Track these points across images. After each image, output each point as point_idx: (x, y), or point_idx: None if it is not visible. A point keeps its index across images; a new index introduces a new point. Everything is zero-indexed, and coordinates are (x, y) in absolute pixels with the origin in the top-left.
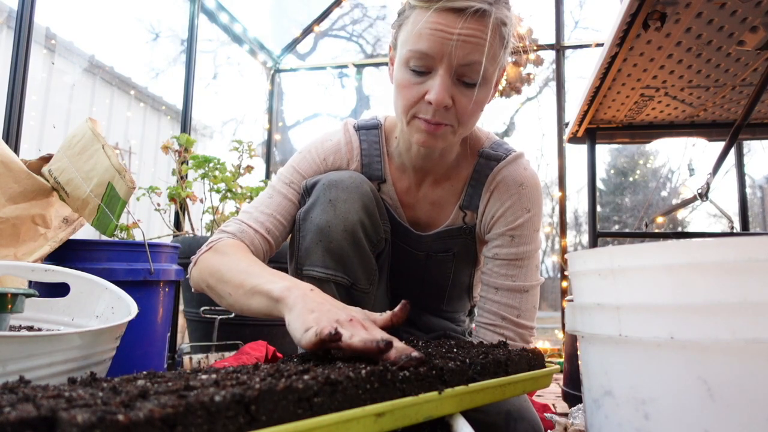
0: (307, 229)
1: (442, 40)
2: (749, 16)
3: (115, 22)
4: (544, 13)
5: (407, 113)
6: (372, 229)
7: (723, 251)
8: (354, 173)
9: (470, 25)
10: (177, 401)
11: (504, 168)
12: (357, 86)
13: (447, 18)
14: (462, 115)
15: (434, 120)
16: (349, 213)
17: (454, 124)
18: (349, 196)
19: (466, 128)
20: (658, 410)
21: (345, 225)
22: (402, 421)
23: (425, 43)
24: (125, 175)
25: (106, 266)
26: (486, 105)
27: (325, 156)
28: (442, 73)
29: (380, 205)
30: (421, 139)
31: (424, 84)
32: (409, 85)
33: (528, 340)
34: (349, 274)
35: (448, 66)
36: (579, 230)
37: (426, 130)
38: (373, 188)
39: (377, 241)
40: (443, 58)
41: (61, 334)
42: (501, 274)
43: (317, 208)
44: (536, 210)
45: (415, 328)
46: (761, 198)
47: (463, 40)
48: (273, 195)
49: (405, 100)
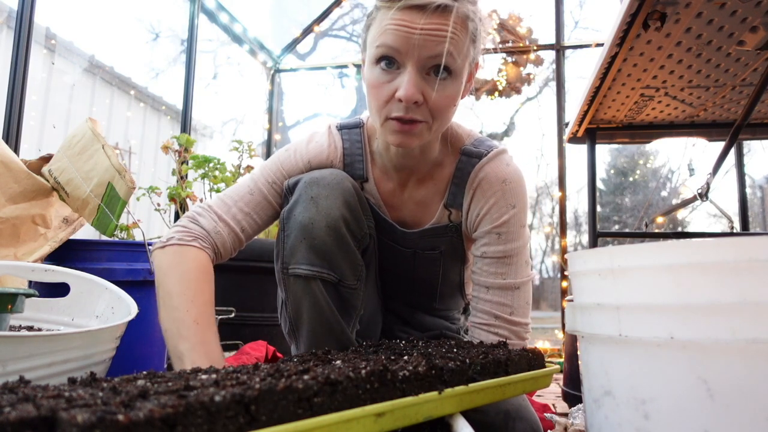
0: (291, 228)
1: (406, 35)
2: (749, 16)
3: (115, 22)
4: (544, 13)
5: (380, 113)
6: (355, 224)
7: (723, 251)
8: (335, 170)
9: (433, 20)
10: (177, 401)
11: (486, 165)
12: (357, 86)
13: (410, 15)
14: (435, 110)
15: (407, 117)
16: (331, 209)
17: (428, 120)
18: (330, 192)
19: (441, 123)
20: (658, 410)
21: (328, 221)
22: (402, 421)
23: (390, 39)
24: (125, 175)
25: (106, 266)
26: (459, 99)
27: (309, 159)
28: (410, 69)
29: (362, 201)
30: (396, 140)
31: (394, 81)
32: (379, 84)
33: (523, 337)
34: (335, 270)
35: (415, 61)
36: (579, 230)
37: (400, 131)
38: (354, 184)
39: (361, 237)
40: (408, 53)
41: (61, 334)
42: (490, 272)
43: (299, 206)
44: (521, 205)
45: (409, 327)
46: (761, 198)
47: (427, 34)
48: (254, 192)
49: (377, 100)
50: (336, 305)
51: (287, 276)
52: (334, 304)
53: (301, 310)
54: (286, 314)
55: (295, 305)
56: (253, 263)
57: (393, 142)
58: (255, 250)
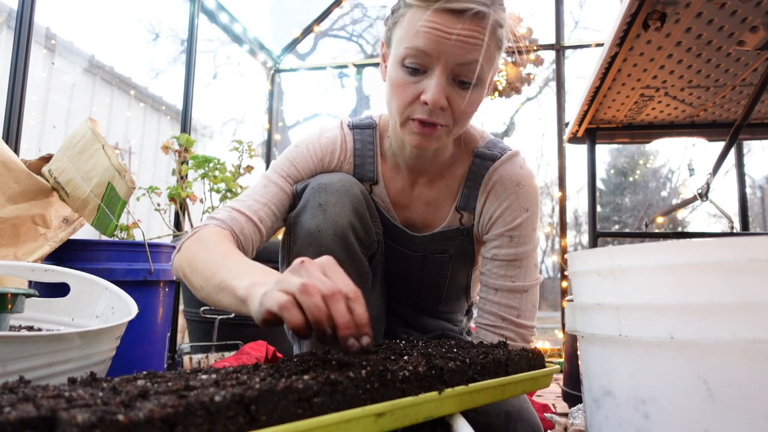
0: (298, 234)
1: (440, 39)
2: (749, 16)
3: (115, 22)
4: (544, 13)
5: (402, 114)
6: (363, 231)
7: (723, 251)
8: (344, 175)
9: (469, 27)
10: (177, 401)
11: (500, 167)
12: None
13: (445, 18)
14: (457, 116)
15: (430, 120)
16: (339, 217)
17: (449, 124)
18: (338, 199)
19: (460, 128)
20: (658, 410)
21: (335, 229)
22: (402, 421)
23: (423, 42)
24: (125, 175)
25: (106, 266)
26: (480, 105)
27: (322, 155)
28: (438, 73)
29: (371, 207)
30: (415, 141)
31: (420, 84)
32: (404, 84)
33: (529, 340)
34: None
35: (445, 66)
36: (579, 230)
37: (421, 132)
38: (363, 190)
39: (369, 244)
40: (440, 57)
41: (61, 334)
42: (500, 274)
43: (307, 213)
44: (534, 209)
45: (411, 328)
46: (761, 198)
47: (461, 40)
48: (268, 185)
49: (400, 100)
50: None
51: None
52: None
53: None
54: None
55: None
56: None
57: (412, 142)
58: (259, 252)
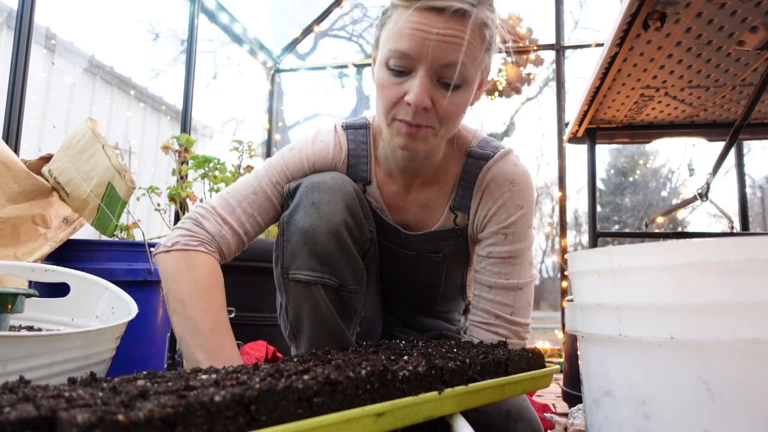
0: (292, 233)
1: (421, 39)
2: (749, 16)
3: (115, 22)
4: (544, 13)
5: (387, 114)
6: (357, 229)
7: (723, 251)
8: (336, 174)
9: (450, 25)
10: (177, 401)
11: (494, 166)
12: (357, 86)
13: (427, 17)
14: (443, 117)
15: (414, 122)
16: (333, 214)
17: (434, 125)
18: (332, 197)
19: (448, 130)
20: (658, 410)
21: (329, 227)
22: (402, 421)
23: (404, 43)
24: (125, 175)
25: (106, 266)
26: (468, 107)
27: (314, 160)
28: (421, 74)
29: (364, 205)
30: (401, 142)
31: (404, 84)
32: (389, 85)
33: (523, 337)
34: (336, 275)
35: (428, 66)
36: (579, 230)
37: (406, 133)
38: (356, 188)
39: (362, 241)
40: (422, 58)
41: (61, 334)
42: (494, 272)
43: (301, 211)
44: (529, 206)
45: (409, 328)
46: (761, 198)
47: (442, 40)
48: (258, 192)
49: (385, 101)
50: (336, 309)
51: (287, 281)
52: (335, 307)
53: (301, 314)
54: (286, 318)
55: (296, 310)
56: (253, 263)
57: (399, 144)
58: (255, 251)
